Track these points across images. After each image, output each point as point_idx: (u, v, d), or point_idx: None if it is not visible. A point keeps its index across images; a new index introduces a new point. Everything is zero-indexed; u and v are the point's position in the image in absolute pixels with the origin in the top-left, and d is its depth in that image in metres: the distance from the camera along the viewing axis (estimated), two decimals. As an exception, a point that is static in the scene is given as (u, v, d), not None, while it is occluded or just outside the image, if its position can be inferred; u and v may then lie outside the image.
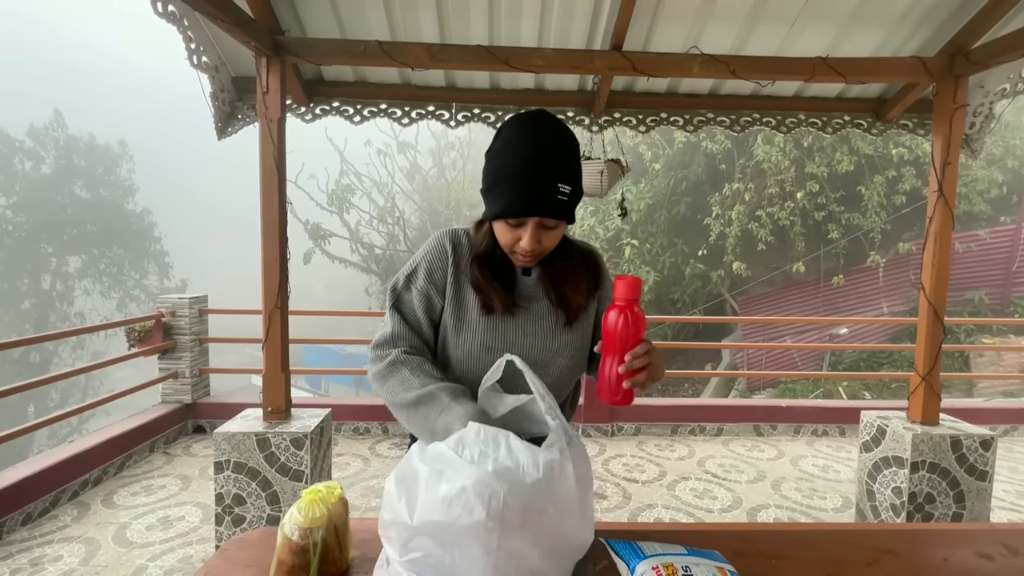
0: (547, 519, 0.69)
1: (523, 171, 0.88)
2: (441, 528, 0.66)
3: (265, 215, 2.19)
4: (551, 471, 0.69)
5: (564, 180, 0.88)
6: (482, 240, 1.00)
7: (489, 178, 0.93)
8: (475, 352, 1.00)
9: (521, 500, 0.66)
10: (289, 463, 2.17)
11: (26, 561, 2.26)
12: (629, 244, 7.90)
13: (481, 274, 0.98)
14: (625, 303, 0.84)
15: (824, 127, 2.81)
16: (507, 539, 0.66)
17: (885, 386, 7.25)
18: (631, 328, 0.83)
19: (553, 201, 0.88)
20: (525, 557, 0.68)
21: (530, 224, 0.90)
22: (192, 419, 3.81)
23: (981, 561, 1.02)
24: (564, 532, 0.74)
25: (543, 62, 2.20)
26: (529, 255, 0.94)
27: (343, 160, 13.52)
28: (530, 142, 0.89)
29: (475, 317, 1.00)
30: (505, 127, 0.93)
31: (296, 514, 0.85)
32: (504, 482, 0.66)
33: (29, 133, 17.44)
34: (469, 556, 0.66)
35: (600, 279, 1.06)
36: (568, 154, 0.91)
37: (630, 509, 2.85)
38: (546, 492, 0.68)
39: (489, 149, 0.94)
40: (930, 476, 2.33)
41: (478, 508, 0.65)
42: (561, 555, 0.75)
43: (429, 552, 0.69)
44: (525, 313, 1.01)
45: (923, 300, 2.37)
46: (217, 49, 2.37)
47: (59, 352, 15.76)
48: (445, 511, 0.66)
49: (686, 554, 0.85)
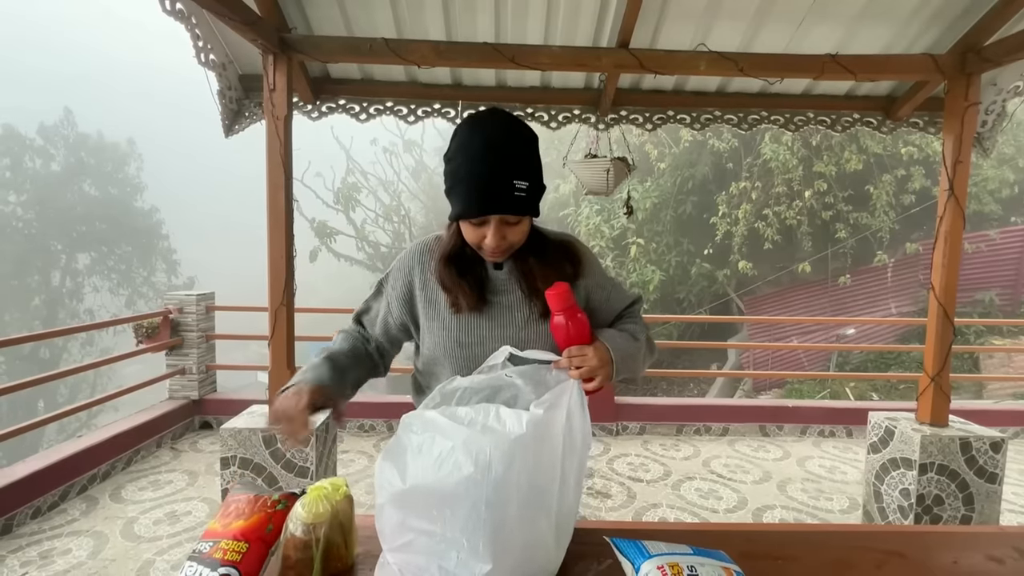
0: (533, 474, 0.73)
1: (478, 172, 0.89)
2: (431, 490, 0.70)
3: (272, 213, 2.20)
4: (535, 428, 0.74)
5: (519, 176, 0.89)
6: (450, 240, 1.02)
7: (448, 179, 0.94)
8: (449, 348, 1.03)
9: (506, 453, 0.71)
10: (294, 459, 2.18)
11: (36, 554, 2.28)
12: (635, 243, 7.87)
13: (448, 273, 1.01)
14: (564, 311, 0.92)
15: (833, 125, 2.78)
16: (495, 492, 0.69)
17: (893, 387, 7.19)
18: (572, 332, 0.92)
19: (510, 199, 0.89)
20: (513, 514, 0.71)
21: (492, 222, 0.91)
22: (199, 415, 3.84)
23: (991, 564, 1.01)
24: (551, 490, 0.77)
25: (549, 60, 2.19)
26: (496, 251, 0.95)
27: (349, 158, 13.55)
28: (480, 141, 0.90)
29: (446, 315, 1.03)
30: (459, 128, 0.95)
31: (300, 510, 0.85)
32: (490, 438, 0.71)
33: (39, 131, 17.61)
34: (459, 515, 0.69)
35: (581, 267, 1.06)
36: (522, 149, 0.92)
37: (634, 508, 2.85)
38: (531, 446, 0.73)
39: (446, 152, 0.96)
40: (939, 478, 2.31)
41: (467, 463, 0.69)
42: (548, 514, 0.77)
43: (419, 530, 0.71)
44: (497, 307, 1.02)
45: (933, 300, 2.34)
46: (224, 47, 2.38)
47: (68, 348, 15.91)
48: (436, 470, 0.71)
49: (692, 554, 0.84)
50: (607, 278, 1.12)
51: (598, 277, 1.09)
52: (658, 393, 8.26)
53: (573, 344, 0.93)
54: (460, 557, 0.70)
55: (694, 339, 8.62)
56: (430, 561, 0.72)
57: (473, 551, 0.70)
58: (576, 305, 0.95)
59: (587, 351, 0.92)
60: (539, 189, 0.94)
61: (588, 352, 0.92)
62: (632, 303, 1.15)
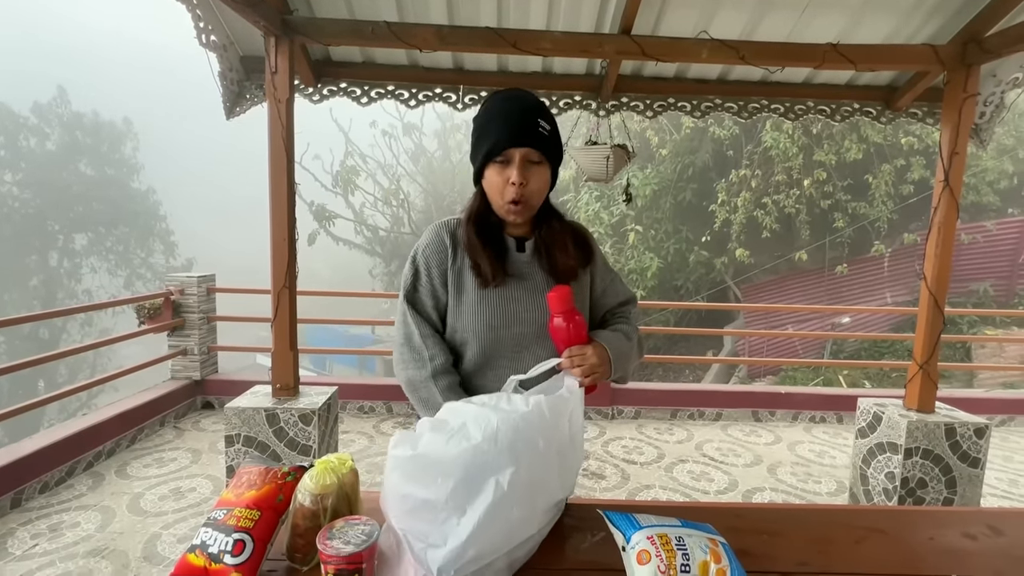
0: (537, 449, 0.81)
1: (506, 112, 1.00)
2: (438, 458, 0.77)
3: (274, 196, 2.22)
4: (539, 407, 0.82)
5: (543, 118, 1.01)
6: (475, 204, 1.08)
7: (476, 132, 1.04)
8: (479, 330, 1.06)
9: (512, 427, 0.79)
10: (297, 438, 2.23)
11: (45, 527, 2.34)
12: (633, 230, 7.88)
13: (476, 236, 1.05)
14: (563, 313, 0.97)
15: (832, 115, 2.79)
16: (499, 458, 0.77)
17: (886, 375, 7.28)
18: (572, 333, 0.98)
19: (535, 134, 0.99)
20: (516, 482, 0.78)
21: (516, 158, 0.99)
22: (201, 395, 3.89)
23: (965, 541, 1.06)
24: (551, 465, 0.85)
25: (551, 45, 2.19)
26: (517, 194, 1.00)
27: (348, 141, 13.45)
28: (505, 97, 1.04)
29: (474, 297, 1.06)
30: (487, 99, 1.07)
31: (308, 481, 0.90)
32: (497, 413, 0.80)
33: (33, 110, 17.39)
34: (464, 483, 0.76)
35: (591, 255, 1.13)
36: (543, 107, 1.04)
37: (628, 489, 2.92)
38: (536, 423, 0.81)
39: (475, 118, 1.07)
40: (923, 462, 2.38)
41: (476, 434, 0.78)
42: (546, 486, 0.86)
43: (422, 498, 0.76)
44: (521, 289, 1.07)
45: (924, 290, 2.38)
46: (225, 28, 2.37)
47: (67, 329, 15.95)
48: (446, 443, 0.78)
49: (680, 526, 0.89)
50: (609, 266, 1.19)
51: (602, 264, 1.17)
52: (654, 379, 8.36)
53: (573, 344, 0.98)
54: (460, 523, 0.75)
55: (691, 326, 8.68)
56: (432, 527, 0.76)
57: (473, 517, 0.75)
58: (575, 308, 1.00)
59: (587, 351, 0.98)
60: (558, 142, 1.04)
61: (588, 351, 0.98)
62: (626, 302, 1.21)
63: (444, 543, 0.75)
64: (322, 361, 15.70)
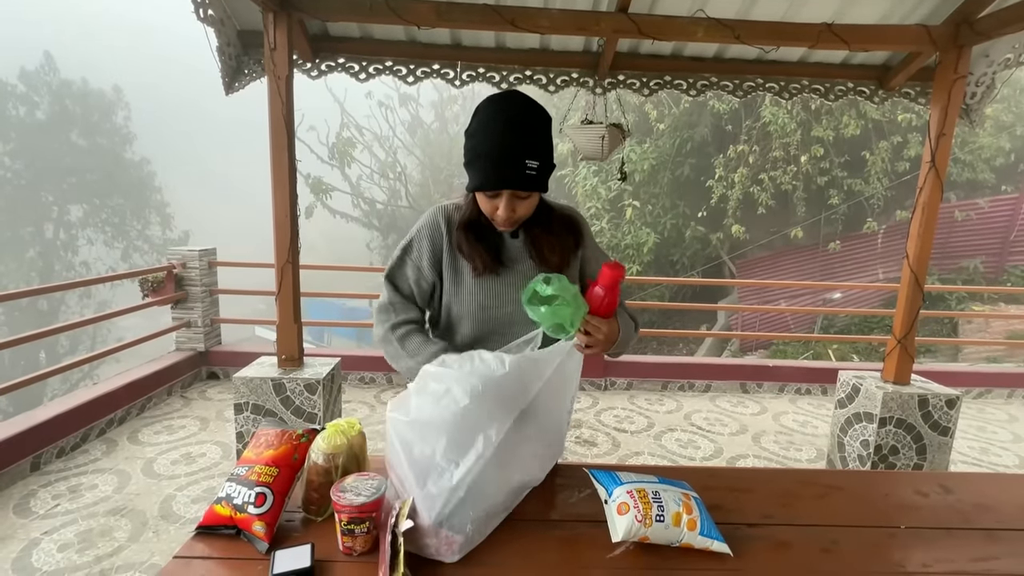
0: (517, 403, 0.94)
1: (495, 150, 1.01)
2: (431, 421, 0.89)
3: (275, 172, 2.26)
4: (517, 368, 0.94)
5: (532, 156, 1.01)
6: (468, 208, 1.14)
7: (468, 154, 1.06)
8: (473, 311, 1.16)
9: (494, 387, 0.91)
10: (303, 406, 2.34)
11: (65, 488, 2.47)
12: (631, 205, 7.91)
13: (466, 239, 1.13)
14: (607, 288, 1.02)
15: (827, 94, 2.82)
16: (489, 418, 0.90)
17: (874, 349, 7.45)
18: (603, 306, 1.03)
19: (522, 176, 1.01)
20: (505, 439, 0.90)
21: (504, 196, 1.04)
22: (206, 366, 3.99)
23: (917, 497, 1.18)
24: (538, 422, 0.98)
25: (549, 23, 2.21)
26: (506, 222, 1.08)
27: (344, 112, 13.26)
28: (498, 122, 1.02)
29: (469, 281, 1.15)
30: (480, 108, 1.06)
31: (320, 442, 1.00)
32: (479, 377, 0.91)
33: (21, 77, 16.98)
34: (456, 440, 0.88)
35: (581, 238, 1.21)
36: (537, 132, 1.03)
37: (618, 456, 3.06)
38: (515, 383, 0.94)
39: (467, 128, 1.07)
40: (896, 431, 2.51)
41: (462, 397, 0.89)
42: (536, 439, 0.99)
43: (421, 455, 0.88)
44: (513, 272, 1.15)
45: (906, 268, 2.47)
46: (223, 2, 2.37)
47: (66, 301, 15.99)
48: (434, 405, 0.90)
49: (657, 483, 0.99)
50: (599, 249, 1.27)
51: (592, 247, 1.24)
52: (648, 352, 8.52)
53: (600, 310, 1.03)
54: (455, 475, 0.87)
55: (686, 301, 8.81)
56: (428, 478, 0.87)
57: (466, 470, 0.87)
58: (619, 290, 1.05)
59: (603, 325, 1.02)
60: (548, 168, 1.05)
61: (604, 327, 1.02)
62: None
63: (440, 492, 0.86)
64: (321, 333, 15.86)
